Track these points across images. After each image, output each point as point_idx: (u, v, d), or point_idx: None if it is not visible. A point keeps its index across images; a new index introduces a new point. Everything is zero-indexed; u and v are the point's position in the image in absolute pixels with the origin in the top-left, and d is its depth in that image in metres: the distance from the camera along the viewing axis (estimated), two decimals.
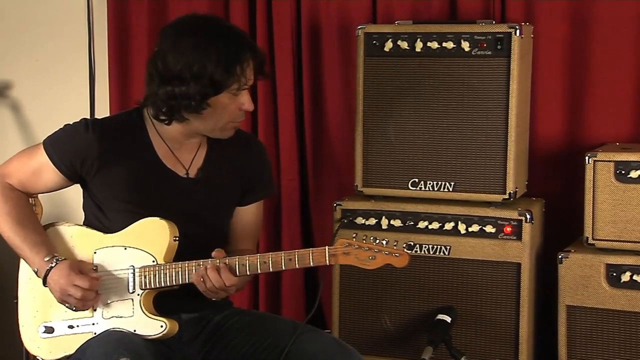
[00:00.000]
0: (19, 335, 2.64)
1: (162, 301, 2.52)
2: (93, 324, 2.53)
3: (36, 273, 2.53)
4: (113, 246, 2.54)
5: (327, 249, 2.43)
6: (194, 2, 3.73)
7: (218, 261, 2.46)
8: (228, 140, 2.62)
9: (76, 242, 2.58)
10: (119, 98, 3.87)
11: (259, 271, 2.47)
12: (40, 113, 4.07)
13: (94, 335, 2.51)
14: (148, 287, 2.49)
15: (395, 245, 2.42)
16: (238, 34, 2.54)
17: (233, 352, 2.59)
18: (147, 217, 2.52)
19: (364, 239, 2.43)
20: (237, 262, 2.46)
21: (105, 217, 2.58)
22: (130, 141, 2.57)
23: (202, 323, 2.62)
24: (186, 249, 2.53)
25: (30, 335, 2.60)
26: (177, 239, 2.51)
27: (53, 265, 2.49)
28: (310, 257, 2.43)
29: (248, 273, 2.47)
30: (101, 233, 2.57)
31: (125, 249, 2.53)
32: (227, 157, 2.65)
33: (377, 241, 2.42)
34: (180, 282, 2.48)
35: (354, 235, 2.44)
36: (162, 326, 2.48)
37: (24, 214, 2.58)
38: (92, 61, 3.78)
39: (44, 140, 2.60)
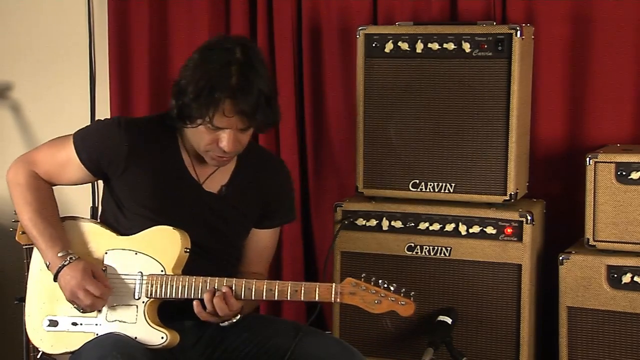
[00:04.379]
0: (24, 327, 2.64)
1: (166, 307, 2.53)
2: (96, 324, 2.53)
3: (48, 267, 2.53)
4: (124, 249, 2.54)
5: (333, 287, 2.43)
6: (194, 2, 3.73)
7: (225, 283, 2.45)
8: (256, 162, 2.64)
9: (89, 238, 2.59)
10: (120, 99, 3.87)
11: (263, 298, 2.47)
12: (41, 114, 4.07)
13: (93, 338, 2.51)
14: (153, 296, 2.50)
15: (402, 293, 2.42)
16: (232, 71, 2.40)
17: (234, 354, 2.59)
18: (163, 223, 2.52)
19: (372, 281, 2.43)
20: (243, 286, 2.46)
21: (123, 216, 2.58)
22: (161, 147, 2.57)
23: (203, 327, 2.61)
24: (198, 259, 2.53)
25: (34, 326, 2.60)
26: (187, 250, 2.51)
27: (66, 263, 2.49)
28: (317, 291, 2.44)
29: (253, 298, 2.47)
30: (114, 234, 2.58)
31: (136, 254, 2.53)
32: (253, 178, 2.65)
33: (385, 285, 2.42)
34: (186, 297, 2.47)
35: (363, 275, 2.44)
36: (162, 337, 2.48)
37: (45, 205, 2.59)
38: (93, 62, 3.78)
39: (74, 134, 2.60)
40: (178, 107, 2.45)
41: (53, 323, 2.57)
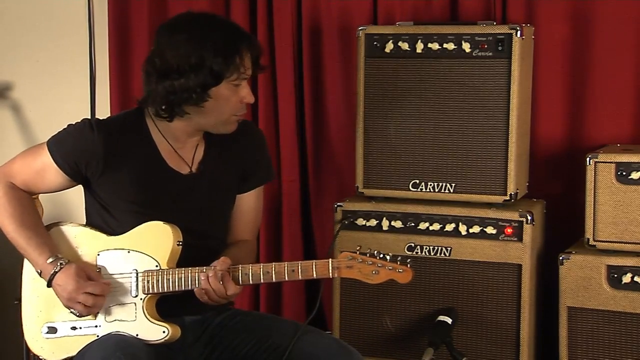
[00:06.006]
0: (22, 334, 2.63)
1: (165, 304, 2.53)
2: (96, 326, 2.53)
3: (40, 274, 2.53)
4: (116, 249, 2.54)
5: (330, 262, 2.43)
6: (194, 2, 3.73)
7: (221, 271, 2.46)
8: None
9: (80, 242, 2.58)
10: (120, 99, 3.87)
11: (261, 281, 2.48)
12: (41, 114, 4.07)
13: (95, 339, 2.51)
14: (151, 291, 2.49)
15: (399, 261, 2.42)
16: (234, 26, 2.56)
17: (234, 352, 2.59)
18: (153, 216, 2.52)
19: (367, 253, 2.42)
20: (239, 272, 2.46)
21: (111, 217, 2.58)
22: (134, 141, 2.57)
23: (204, 325, 2.62)
24: (194, 244, 2.54)
25: (33, 335, 2.59)
26: (180, 243, 2.51)
27: (57, 269, 2.48)
28: (314, 268, 2.44)
29: (251, 282, 2.47)
30: (105, 235, 2.57)
31: (129, 252, 2.53)
32: (226, 147, 2.65)
33: (381, 255, 2.42)
34: (183, 288, 2.48)
35: (358, 247, 2.44)
36: (164, 332, 2.48)
37: (27, 214, 2.58)
38: (93, 62, 3.78)
39: (48, 140, 2.59)
40: (200, 82, 2.45)
41: (52, 330, 2.56)
